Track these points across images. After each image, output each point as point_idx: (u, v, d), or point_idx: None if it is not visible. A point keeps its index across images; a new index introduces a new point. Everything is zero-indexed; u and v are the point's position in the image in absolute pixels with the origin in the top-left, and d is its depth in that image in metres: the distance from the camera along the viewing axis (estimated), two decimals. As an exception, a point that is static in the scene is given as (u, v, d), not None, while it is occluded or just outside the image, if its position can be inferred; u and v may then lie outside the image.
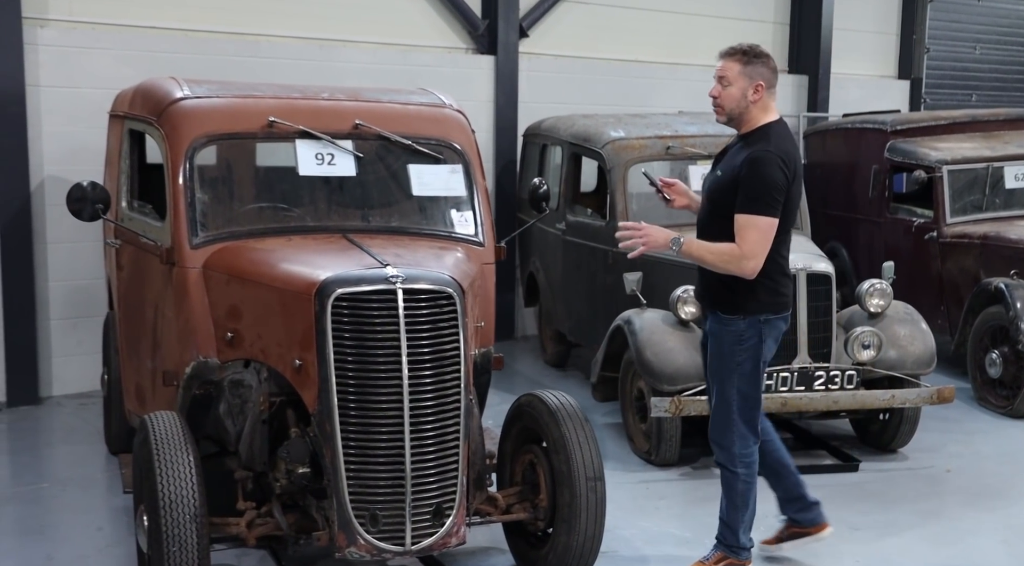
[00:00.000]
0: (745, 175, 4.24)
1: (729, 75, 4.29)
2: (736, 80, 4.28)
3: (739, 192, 4.25)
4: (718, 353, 4.49)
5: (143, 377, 5.15)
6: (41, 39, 7.25)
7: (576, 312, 7.88)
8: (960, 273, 8.16)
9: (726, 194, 4.31)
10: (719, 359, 4.50)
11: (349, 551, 3.85)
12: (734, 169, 4.32)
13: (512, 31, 9.46)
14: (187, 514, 3.76)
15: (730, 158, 4.42)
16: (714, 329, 4.49)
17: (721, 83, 4.31)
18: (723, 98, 4.31)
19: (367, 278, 3.95)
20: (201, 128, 4.63)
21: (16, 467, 6.19)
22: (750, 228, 4.23)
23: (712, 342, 4.52)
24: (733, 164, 4.35)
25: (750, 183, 4.23)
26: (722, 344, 4.47)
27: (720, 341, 4.47)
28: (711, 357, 4.54)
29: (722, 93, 4.31)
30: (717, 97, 4.33)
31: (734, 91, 4.29)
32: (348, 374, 3.89)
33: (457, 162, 5.00)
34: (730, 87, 4.29)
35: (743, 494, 4.61)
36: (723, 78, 4.30)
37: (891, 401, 6.06)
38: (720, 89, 4.31)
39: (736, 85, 4.28)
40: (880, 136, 9.08)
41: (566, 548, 4.31)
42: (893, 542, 5.15)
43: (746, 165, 4.25)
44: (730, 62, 4.30)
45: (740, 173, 4.26)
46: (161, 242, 4.59)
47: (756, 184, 4.22)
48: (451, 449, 3.98)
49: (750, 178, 4.23)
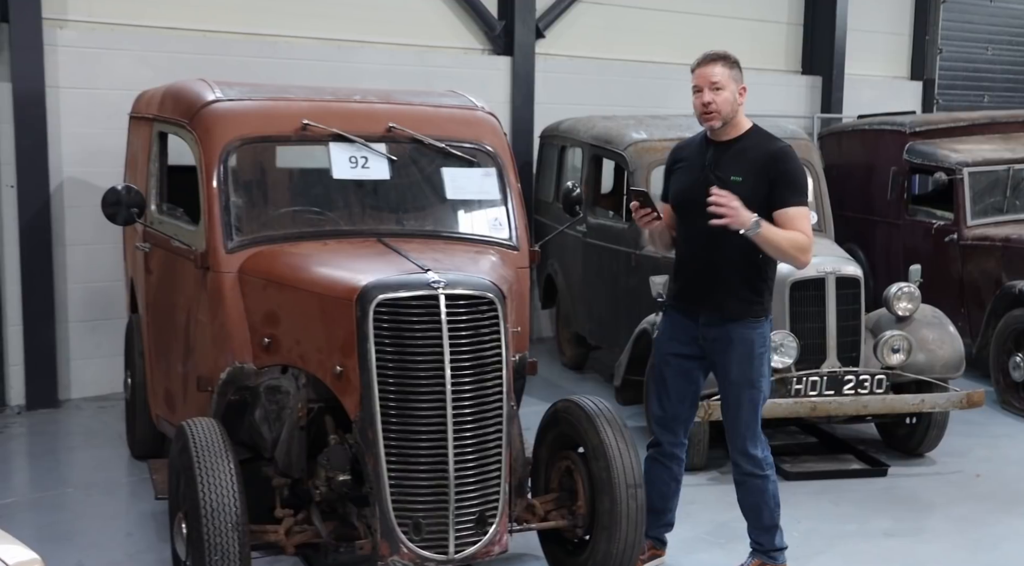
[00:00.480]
0: (783, 170, 4.27)
1: (721, 80, 4.28)
2: (727, 84, 4.29)
3: (777, 188, 4.26)
4: (744, 359, 4.42)
5: (173, 382, 5.11)
6: (60, 40, 7.21)
7: (597, 315, 7.84)
8: (981, 275, 8.12)
9: (751, 199, 4.22)
10: (746, 364, 4.43)
11: (392, 560, 3.80)
12: (757, 171, 4.27)
13: (528, 32, 9.43)
14: (229, 522, 3.72)
15: (736, 163, 4.31)
16: (735, 336, 4.40)
17: (713, 89, 4.28)
18: (719, 102, 4.28)
19: (409, 283, 3.91)
20: (235, 131, 4.59)
21: (39, 471, 6.15)
22: (803, 219, 4.27)
23: (730, 350, 4.41)
24: (750, 167, 4.28)
25: (791, 176, 4.28)
26: (752, 348, 4.42)
27: (748, 346, 4.41)
28: (732, 365, 4.43)
29: (716, 98, 4.28)
30: (711, 102, 4.28)
31: (727, 95, 4.29)
32: (389, 380, 3.85)
33: (490, 165, 4.96)
34: (723, 91, 4.29)
35: (775, 494, 4.61)
36: (715, 83, 4.27)
37: (921, 405, 6.02)
38: (713, 95, 4.28)
39: (728, 89, 4.29)
40: (899, 138, 9.04)
41: (606, 556, 4.26)
42: (929, 549, 5.12)
43: (777, 161, 4.28)
44: (716, 67, 4.30)
45: (770, 172, 4.26)
46: (195, 246, 4.55)
47: (797, 176, 4.31)
48: (493, 456, 3.94)
49: (789, 171, 4.28)
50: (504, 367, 3.99)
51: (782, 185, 4.26)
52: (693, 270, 4.44)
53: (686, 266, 4.48)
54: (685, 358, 4.54)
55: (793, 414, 5.90)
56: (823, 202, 7.42)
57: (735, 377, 4.44)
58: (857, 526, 5.38)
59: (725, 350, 4.42)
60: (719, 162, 4.34)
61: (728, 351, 4.42)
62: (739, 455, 4.56)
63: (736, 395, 4.47)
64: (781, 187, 4.26)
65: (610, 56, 10.17)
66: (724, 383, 4.50)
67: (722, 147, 4.37)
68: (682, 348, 4.53)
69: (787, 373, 5.91)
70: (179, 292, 4.88)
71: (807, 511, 5.57)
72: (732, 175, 4.30)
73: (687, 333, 4.50)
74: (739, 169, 4.30)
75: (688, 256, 4.46)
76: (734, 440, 4.55)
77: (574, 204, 5.26)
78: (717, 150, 4.37)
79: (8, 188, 7.05)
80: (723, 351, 4.43)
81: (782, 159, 4.28)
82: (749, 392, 4.47)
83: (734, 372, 4.43)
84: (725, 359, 4.44)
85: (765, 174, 4.26)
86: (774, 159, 4.28)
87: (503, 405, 3.98)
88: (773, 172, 4.26)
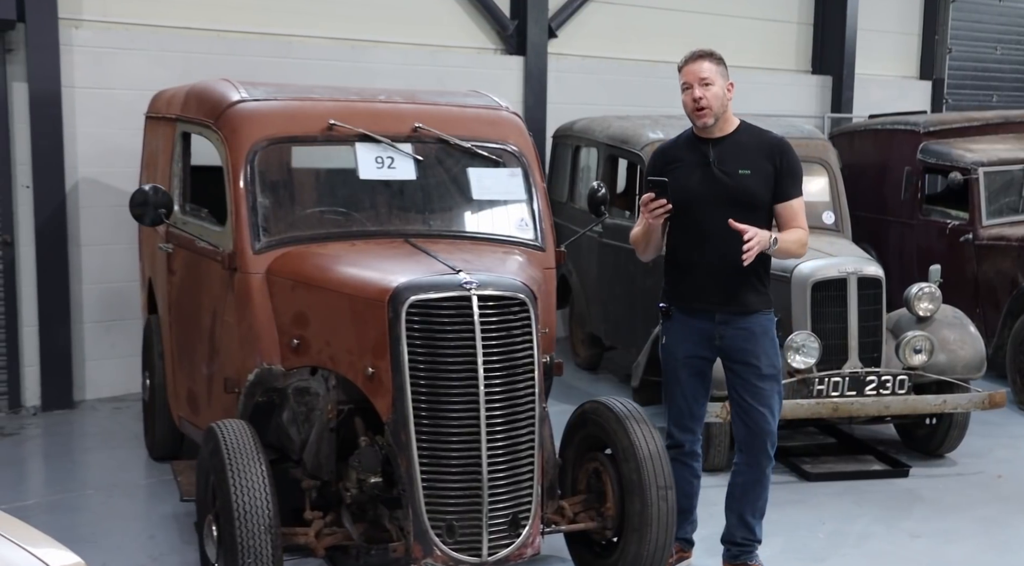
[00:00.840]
0: (787, 161, 4.36)
1: (710, 75, 4.29)
2: (716, 79, 4.30)
3: (782, 179, 4.35)
4: (772, 350, 4.45)
5: (197, 383, 5.08)
6: (76, 40, 7.18)
7: (613, 315, 7.82)
8: (997, 275, 8.11)
9: (761, 191, 4.33)
10: (773, 356, 4.45)
11: (425, 562, 3.78)
12: (761, 162, 4.33)
13: (541, 32, 9.41)
14: (262, 524, 3.70)
15: (739, 157, 4.34)
16: (757, 329, 4.41)
17: (703, 84, 4.29)
18: (709, 98, 4.29)
19: (441, 284, 3.89)
20: (262, 131, 4.57)
21: (57, 473, 6.13)
22: (803, 210, 4.42)
23: (756, 343, 4.41)
24: (754, 159, 4.33)
25: (793, 168, 4.38)
26: (772, 339, 4.47)
27: (768, 337, 4.44)
28: (761, 357, 4.41)
29: (706, 94, 4.28)
30: (702, 98, 4.28)
31: (717, 90, 4.31)
32: (421, 382, 3.83)
33: (516, 165, 4.94)
34: (713, 87, 4.30)
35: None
36: (704, 79, 4.28)
37: (943, 406, 6.01)
38: (703, 90, 4.28)
39: (717, 84, 4.31)
40: (912, 137, 9.02)
41: (637, 558, 4.24)
42: (957, 550, 5.10)
43: (781, 152, 4.36)
44: (705, 63, 4.31)
45: (775, 162, 4.34)
46: (222, 247, 4.53)
47: (798, 167, 4.41)
48: (526, 457, 3.92)
49: (793, 164, 4.38)
50: (536, 368, 3.97)
51: (787, 177, 4.36)
52: (705, 269, 4.40)
53: (696, 266, 4.43)
54: (700, 359, 4.53)
55: (815, 415, 5.88)
56: (840, 202, 7.39)
57: (767, 370, 4.43)
58: (882, 527, 5.36)
59: (750, 344, 4.41)
60: (722, 157, 4.35)
61: (755, 344, 4.41)
62: (762, 454, 4.52)
63: (767, 389, 4.45)
64: (786, 179, 4.36)
65: (622, 56, 10.16)
66: (752, 379, 4.43)
67: (719, 142, 4.38)
68: (696, 349, 4.50)
69: (809, 374, 5.89)
70: (204, 293, 4.86)
71: (830, 512, 5.56)
72: (739, 169, 4.33)
73: (700, 334, 4.47)
74: (744, 162, 4.34)
75: (697, 255, 4.42)
76: (764, 436, 4.48)
77: (600, 204, 5.24)
78: (716, 145, 4.38)
79: (24, 188, 7.02)
80: (749, 345, 4.41)
81: (786, 150, 4.39)
82: (778, 385, 4.50)
83: (764, 364, 4.42)
84: (752, 353, 4.41)
85: (770, 164, 4.34)
86: (778, 149, 4.37)
87: (535, 406, 3.97)
88: (778, 162, 4.35)
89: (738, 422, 4.56)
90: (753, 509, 4.63)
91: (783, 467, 6.18)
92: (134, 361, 7.27)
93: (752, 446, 4.54)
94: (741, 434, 4.57)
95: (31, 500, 5.57)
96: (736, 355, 4.45)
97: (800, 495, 5.80)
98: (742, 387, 4.48)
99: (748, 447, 4.56)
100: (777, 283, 6.11)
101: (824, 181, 7.37)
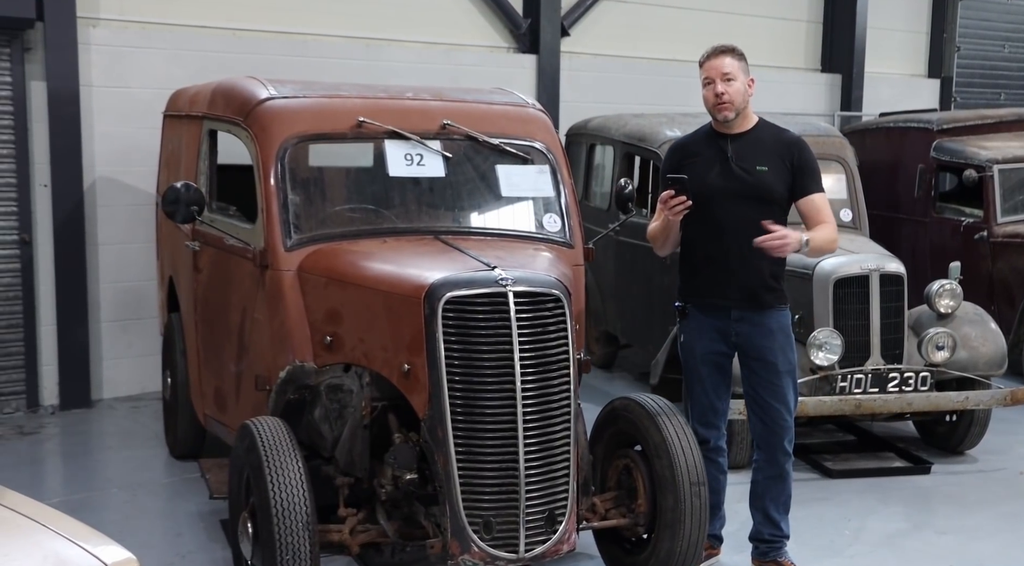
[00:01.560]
0: (805, 158, 4.39)
1: (732, 71, 4.31)
2: (738, 75, 4.33)
3: (801, 176, 4.38)
4: (788, 346, 4.46)
5: (225, 381, 5.08)
6: (93, 39, 7.18)
7: (630, 313, 7.82)
8: (1012, 273, 8.12)
9: (778, 187, 4.35)
10: (789, 352, 4.47)
11: (463, 559, 3.77)
12: (778, 158, 4.36)
13: (554, 30, 9.41)
14: (300, 521, 3.70)
15: (757, 153, 4.37)
16: (774, 325, 4.42)
17: (725, 79, 4.31)
18: (732, 93, 4.31)
19: (477, 281, 3.88)
20: (292, 128, 4.56)
21: (80, 471, 6.12)
22: (827, 205, 4.44)
23: (773, 339, 4.42)
24: (772, 155, 4.36)
25: (812, 164, 4.42)
26: (790, 335, 4.49)
27: (784, 334, 4.46)
28: (777, 353, 4.42)
29: (728, 89, 4.30)
30: (724, 93, 4.30)
31: (739, 86, 4.33)
32: (457, 379, 3.82)
33: (544, 163, 4.94)
34: (735, 82, 4.32)
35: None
36: (726, 74, 4.30)
37: (965, 403, 6.01)
38: (725, 86, 4.30)
39: (739, 79, 4.33)
40: (925, 135, 9.03)
41: (669, 554, 4.24)
42: (984, 546, 5.10)
43: (798, 150, 4.39)
44: (727, 59, 4.33)
45: (793, 159, 4.37)
46: (252, 244, 4.52)
47: (815, 165, 4.44)
48: (561, 454, 3.91)
49: (810, 160, 4.42)
50: (571, 364, 3.97)
51: (806, 173, 4.39)
52: (722, 264, 4.41)
53: (712, 260, 4.43)
54: (719, 354, 4.53)
55: (838, 412, 5.88)
56: (858, 199, 7.40)
57: (784, 367, 4.44)
58: (908, 524, 5.36)
59: (767, 340, 4.42)
60: (740, 153, 4.37)
61: (771, 340, 4.42)
62: (780, 451, 4.53)
63: (784, 386, 4.46)
64: (804, 176, 4.39)
65: (634, 54, 10.17)
66: (769, 375, 4.45)
67: (738, 138, 4.40)
68: (714, 345, 4.51)
69: (831, 371, 5.89)
70: (233, 291, 4.85)
71: (855, 509, 5.56)
72: (757, 165, 4.35)
73: (717, 330, 4.49)
74: (762, 158, 4.36)
75: (713, 249, 4.42)
76: (782, 432, 4.50)
77: (627, 201, 5.23)
78: (734, 141, 4.39)
79: (42, 187, 7.01)
80: (766, 341, 4.42)
81: (802, 147, 4.42)
82: (794, 381, 4.52)
83: (781, 361, 4.43)
84: (769, 349, 4.42)
85: (787, 161, 4.37)
86: (795, 147, 4.41)
87: (571, 403, 3.96)
88: (796, 160, 4.38)
89: (755, 419, 4.57)
90: (777, 504, 4.64)
91: (805, 465, 6.18)
92: (151, 360, 7.28)
93: (769, 443, 4.55)
94: (758, 430, 4.58)
95: (55, 499, 5.54)
96: (752, 352, 4.46)
97: (824, 492, 5.80)
98: (758, 384, 4.49)
99: (766, 444, 4.57)
100: (799, 280, 6.14)
101: (842, 178, 7.38)
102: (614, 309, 8.10)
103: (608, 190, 8.01)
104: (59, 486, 5.97)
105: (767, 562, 4.68)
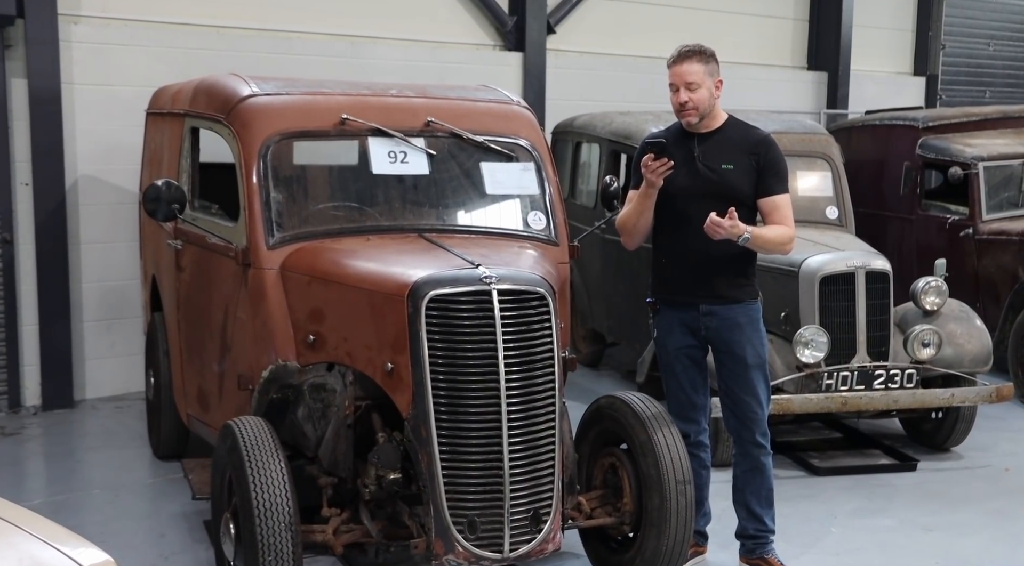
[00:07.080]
0: (770, 158, 4.38)
1: (696, 78, 4.31)
2: (703, 81, 4.32)
3: (765, 175, 4.37)
4: (757, 339, 4.47)
5: (208, 381, 5.04)
6: (75, 36, 7.12)
7: (616, 311, 7.80)
8: (998, 270, 8.13)
9: (743, 185, 4.36)
10: (759, 345, 4.48)
11: (447, 559, 3.75)
12: (744, 157, 4.36)
13: (540, 28, 9.40)
14: (282, 522, 3.67)
15: (724, 152, 4.37)
16: (743, 319, 4.44)
17: (690, 88, 4.30)
18: (696, 101, 4.32)
19: (461, 279, 3.86)
20: (274, 126, 4.52)
21: (61, 472, 6.06)
22: (788, 207, 4.41)
23: (741, 333, 4.43)
24: (738, 154, 4.36)
25: (778, 164, 4.40)
26: (760, 328, 4.50)
27: (756, 326, 4.48)
28: (747, 346, 4.44)
29: (692, 97, 4.31)
30: (687, 102, 4.31)
31: (704, 92, 4.33)
32: (441, 377, 3.80)
33: (529, 160, 4.92)
34: (700, 89, 4.32)
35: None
36: (691, 83, 4.30)
37: (951, 400, 6.02)
38: (689, 94, 4.30)
39: (704, 85, 4.33)
40: (911, 133, 9.03)
41: (655, 553, 4.22)
42: (970, 543, 5.10)
43: (765, 148, 4.38)
44: (692, 65, 4.32)
45: (759, 158, 4.36)
46: (235, 242, 4.48)
47: (782, 164, 4.42)
48: (546, 453, 3.89)
49: (776, 160, 4.40)
50: (556, 362, 3.95)
51: (769, 173, 4.38)
52: (688, 260, 4.42)
53: (680, 257, 4.45)
54: (691, 349, 4.55)
55: (824, 409, 5.87)
56: (844, 197, 7.40)
57: (752, 360, 4.46)
58: (894, 521, 5.36)
59: (735, 333, 4.44)
60: (707, 152, 4.39)
61: (740, 334, 4.44)
62: (752, 444, 4.56)
63: (754, 378, 4.48)
64: (768, 175, 4.38)
65: (621, 52, 10.16)
66: (738, 368, 4.47)
67: (705, 137, 4.41)
68: (685, 339, 4.53)
69: (817, 368, 5.88)
70: (215, 289, 4.81)
71: (841, 506, 5.56)
72: (723, 163, 4.38)
73: (687, 325, 4.51)
74: (728, 157, 4.38)
75: (681, 247, 4.43)
76: (752, 425, 4.53)
77: (612, 199, 5.21)
78: (702, 140, 4.40)
79: (23, 186, 6.95)
80: (734, 335, 4.44)
81: (770, 146, 4.41)
82: (764, 374, 4.53)
83: (750, 354, 4.45)
84: (738, 343, 4.44)
85: (753, 160, 4.38)
86: (763, 145, 4.41)
87: (555, 401, 3.94)
88: (761, 159, 4.38)
89: (728, 412, 4.61)
90: (758, 498, 4.64)
91: (791, 462, 6.18)
92: (134, 360, 7.23)
93: (742, 435, 4.59)
94: (733, 424, 4.62)
95: (37, 500, 5.50)
96: (721, 345, 4.49)
97: (810, 490, 5.80)
98: (728, 377, 4.52)
99: (739, 437, 4.62)
100: (785, 278, 6.14)
101: (828, 176, 7.38)
102: (600, 307, 8.08)
103: (594, 188, 7.99)
104: (41, 487, 5.92)
105: (754, 559, 4.67)
